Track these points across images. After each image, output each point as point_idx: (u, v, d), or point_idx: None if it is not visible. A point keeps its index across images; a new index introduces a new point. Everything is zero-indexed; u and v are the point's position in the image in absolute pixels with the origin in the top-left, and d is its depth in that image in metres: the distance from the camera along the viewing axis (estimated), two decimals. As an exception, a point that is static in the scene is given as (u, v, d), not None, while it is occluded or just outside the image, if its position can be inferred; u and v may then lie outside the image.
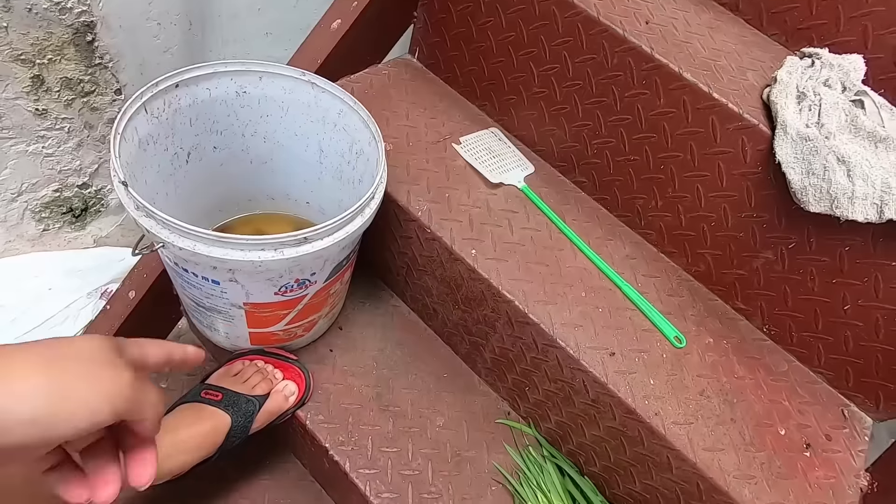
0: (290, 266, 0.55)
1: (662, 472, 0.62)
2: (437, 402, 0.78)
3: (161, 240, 0.49)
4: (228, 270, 0.54)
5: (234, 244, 0.49)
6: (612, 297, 0.69)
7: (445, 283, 0.73)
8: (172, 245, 0.49)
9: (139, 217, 0.50)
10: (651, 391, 0.62)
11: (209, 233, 0.48)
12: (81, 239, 1.01)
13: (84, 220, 0.98)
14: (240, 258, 0.50)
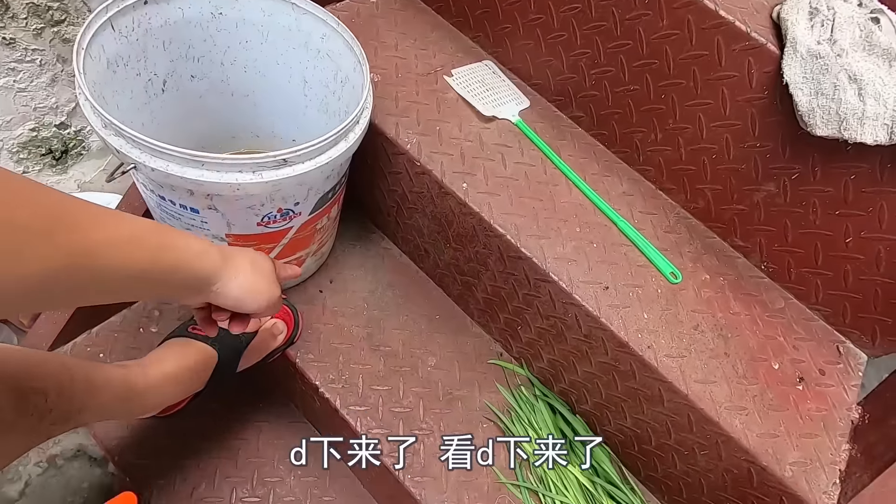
0: (271, 192, 0.52)
1: (653, 405, 0.62)
2: (429, 343, 0.77)
3: (132, 160, 0.47)
4: (206, 196, 0.51)
5: (209, 164, 0.47)
6: (608, 233, 0.67)
7: (436, 221, 0.71)
8: (144, 166, 0.47)
9: (108, 136, 0.47)
10: (644, 325, 0.61)
11: (183, 151, 0.46)
12: (64, 184, 0.98)
13: (65, 163, 0.95)
14: (216, 180, 0.48)
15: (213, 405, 0.84)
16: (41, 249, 0.26)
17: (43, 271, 0.26)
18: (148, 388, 0.58)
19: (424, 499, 0.65)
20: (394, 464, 0.66)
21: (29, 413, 0.42)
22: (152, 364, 0.61)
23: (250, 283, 0.43)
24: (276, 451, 0.82)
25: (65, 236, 0.27)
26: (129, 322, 0.88)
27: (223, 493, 0.77)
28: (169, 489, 0.76)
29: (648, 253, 0.66)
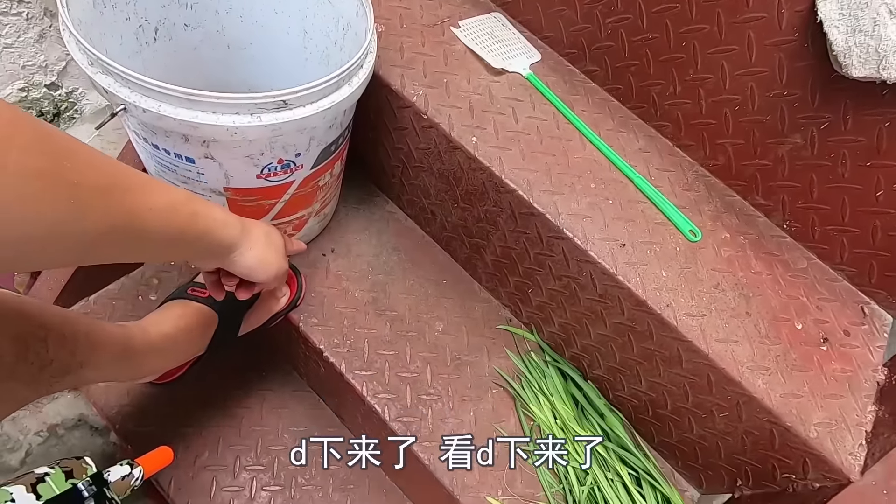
0: (271, 139, 0.49)
1: (671, 366, 0.60)
2: (436, 308, 0.75)
3: (121, 100, 0.44)
4: (202, 143, 0.48)
5: (204, 103, 0.43)
6: (624, 190, 0.64)
7: (444, 179, 0.68)
8: (135, 107, 0.44)
9: (95, 75, 0.44)
10: (663, 283, 0.58)
11: (175, 89, 0.42)
12: (57, 149, 0.95)
13: (57, 126, 0.92)
14: (212, 122, 0.45)
15: (215, 373, 0.82)
16: (101, 208, 0.29)
17: (100, 228, 0.29)
18: (147, 349, 0.56)
19: (433, 464, 0.63)
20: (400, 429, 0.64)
21: (29, 361, 0.41)
22: (151, 325, 0.59)
23: (263, 255, 0.46)
24: (279, 420, 0.80)
25: (119, 198, 0.31)
26: (127, 290, 0.86)
27: (226, 461, 0.76)
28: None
29: (666, 210, 0.63)
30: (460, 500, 0.62)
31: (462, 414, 0.68)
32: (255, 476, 0.76)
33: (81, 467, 0.42)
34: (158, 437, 0.76)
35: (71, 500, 0.40)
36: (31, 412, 0.83)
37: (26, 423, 0.83)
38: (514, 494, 0.64)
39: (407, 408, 0.66)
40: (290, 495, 0.75)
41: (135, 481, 0.48)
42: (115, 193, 0.30)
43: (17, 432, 0.83)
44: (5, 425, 0.83)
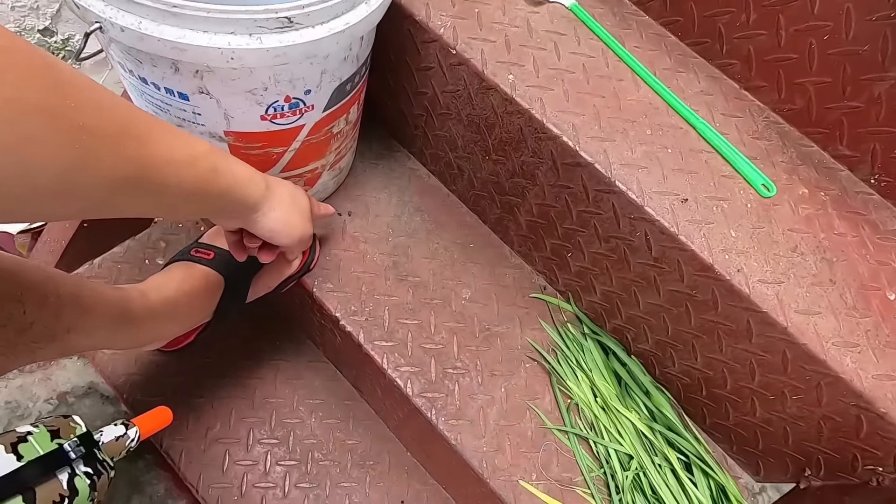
0: (275, 68, 0.42)
1: (737, 341, 0.52)
2: (463, 274, 0.68)
3: (95, 16, 0.36)
4: (195, 73, 0.41)
5: (193, 18, 0.36)
6: (685, 137, 0.55)
7: (474, 127, 0.60)
8: (112, 25, 0.36)
9: (64, -14, 0.37)
10: (732, 245, 0.50)
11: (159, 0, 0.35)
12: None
13: (55, 78, 0.86)
14: (203, 43, 0.37)
15: (226, 341, 0.77)
16: (111, 157, 0.27)
17: (111, 179, 0.27)
18: (148, 315, 0.51)
19: (460, 444, 0.57)
20: (424, 406, 0.58)
21: (2, 324, 0.36)
22: (152, 289, 0.53)
23: (287, 217, 0.44)
24: (294, 392, 0.75)
25: (132, 146, 0.28)
26: (133, 253, 0.81)
27: (239, 433, 0.71)
28: (181, 429, 0.71)
29: (735, 161, 0.54)
30: (490, 484, 0.56)
31: (492, 390, 0.61)
32: (270, 450, 0.71)
33: (69, 427, 0.38)
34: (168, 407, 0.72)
35: (56, 462, 0.35)
36: (40, 379, 0.80)
37: (35, 390, 0.80)
38: (550, 479, 0.58)
39: (431, 382, 0.60)
40: (307, 470, 0.71)
41: (130, 442, 0.43)
42: (127, 141, 0.28)
43: (26, 399, 0.79)
44: (14, 392, 0.80)
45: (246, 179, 0.39)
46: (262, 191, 0.41)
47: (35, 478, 0.33)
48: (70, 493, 0.35)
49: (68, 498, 0.34)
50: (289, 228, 0.44)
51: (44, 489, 0.33)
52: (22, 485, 0.32)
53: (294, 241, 0.45)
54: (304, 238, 0.47)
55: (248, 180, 0.40)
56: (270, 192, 0.42)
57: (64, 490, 0.34)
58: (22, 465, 0.32)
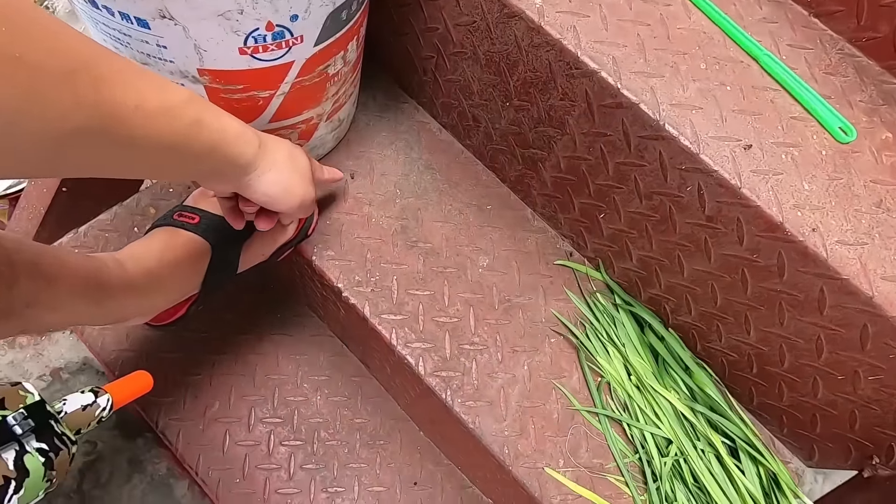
0: (250, -18, 0.34)
1: (804, 313, 0.44)
2: (479, 239, 0.60)
3: None
4: (151, -10, 0.33)
5: None
6: (746, 73, 0.46)
7: (493, 67, 0.51)
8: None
9: None
10: (805, 199, 0.42)
11: None
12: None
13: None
14: (153, -57, 0.29)
15: (223, 315, 0.71)
16: (60, 100, 0.22)
17: (66, 127, 0.23)
18: (125, 287, 0.45)
19: (479, 427, 0.51)
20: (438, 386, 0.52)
21: None
22: (130, 258, 0.47)
23: (286, 179, 0.39)
24: (298, 368, 0.70)
25: (89, 90, 0.23)
26: (120, 220, 0.75)
27: (240, 412, 0.66)
28: (178, 408, 0.66)
29: (807, 101, 0.46)
30: (512, 471, 0.50)
31: (514, 367, 0.55)
32: (273, 430, 0.66)
33: (17, 395, 0.32)
34: (162, 385, 0.67)
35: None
36: (32, 356, 0.76)
37: (27, 366, 0.75)
38: (579, 465, 0.52)
39: (446, 360, 0.53)
40: (313, 451, 0.66)
41: (101, 411, 0.38)
42: (83, 82, 0.23)
43: (17, 377, 0.75)
44: (5, 369, 0.76)
45: (235, 135, 0.34)
46: (255, 149, 0.36)
47: None
48: (18, 473, 0.29)
49: (15, 480, 0.28)
50: (288, 192, 0.40)
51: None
52: None
53: (294, 206, 0.41)
54: (306, 203, 0.42)
55: (238, 136, 0.35)
56: (265, 150, 0.37)
57: (9, 471, 0.28)
58: None
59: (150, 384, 0.44)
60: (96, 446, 0.71)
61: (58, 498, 0.67)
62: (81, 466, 0.69)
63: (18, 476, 0.29)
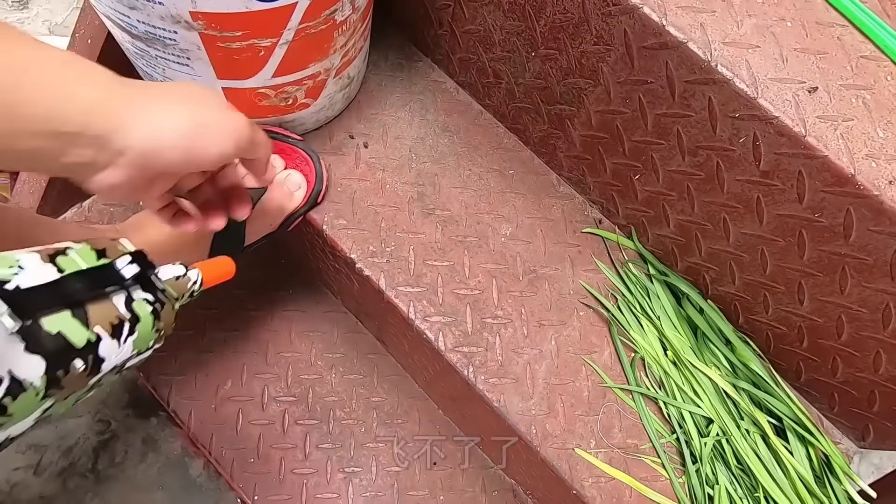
0: None
1: (871, 279, 0.40)
2: (502, 206, 0.56)
3: None
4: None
5: None
6: (808, 7, 0.41)
7: (517, 11, 0.46)
8: None
9: None
10: (880, 148, 0.36)
11: None
12: (30, 24, 0.78)
13: (22, -7, 0.74)
14: None
15: (233, 291, 0.69)
16: None
17: None
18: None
19: (504, 406, 0.48)
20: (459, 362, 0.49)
21: None
22: (130, 230, 0.44)
23: (187, 117, 0.27)
24: (311, 345, 0.67)
25: None
26: (125, 194, 0.72)
27: (253, 391, 0.64)
28: (189, 386, 0.64)
29: (879, 37, 0.40)
30: (540, 452, 0.47)
31: (540, 342, 0.51)
32: (287, 409, 0.64)
33: (117, 248, 0.29)
34: (173, 364, 0.65)
35: (106, 280, 0.26)
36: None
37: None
38: (612, 445, 0.49)
39: (467, 335, 0.50)
40: (328, 430, 0.64)
41: (192, 285, 0.34)
42: None
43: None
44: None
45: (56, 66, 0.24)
46: (102, 95, 0.25)
47: (82, 292, 0.25)
48: (131, 316, 0.26)
49: (129, 322, 0.26)
50: (202, 130, 0.28)
51: (97, 307, 0.25)
52: (67, 298, 0.24)
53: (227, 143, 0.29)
54: (241, 132, 0.30)
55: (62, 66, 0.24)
56: (128, 96, 0.26)
57: (122, 313, 0.26)
58: (63, 276, 0.24)
59: (234, 270, 0.40)
60: (110, 425, 0.69)
61: (73, 477, 0.66)
62: (96, 445, 0.67)
63: (131, 319, 0.26)
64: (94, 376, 0.25)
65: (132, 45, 0.42)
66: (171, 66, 0.42)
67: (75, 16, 0.80)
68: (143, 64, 0.45)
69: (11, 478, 0.66)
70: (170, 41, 0.39)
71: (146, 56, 0.43)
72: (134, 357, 0.27)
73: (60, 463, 0.67)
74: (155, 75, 0.45)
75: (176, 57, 0.41)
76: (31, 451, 0.68)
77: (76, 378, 0.24)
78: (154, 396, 0.65)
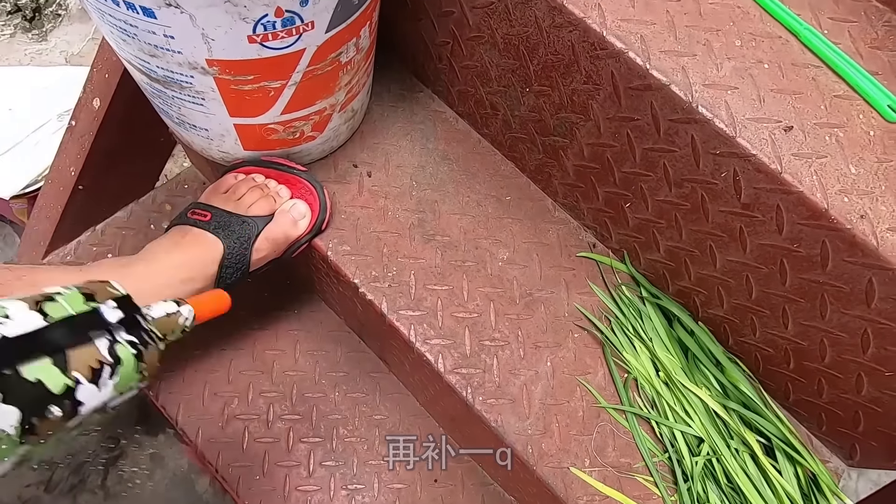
0: (257, -35, 0.32)
1: (849, 306, 0.42)
2: (499, 232, 0.59)
3: None
4: (156, -23, 0.32)
5: None
6: (785, 49, 0.43)
7: (512, 51, 0.49)
8: None
9: None
10: (852, 184, 0.39)
11: None
12: (48, 55, 0.82)
13: (41, 26, 0.78)
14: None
15: (240, 311, 0.70)
16: None
17: None
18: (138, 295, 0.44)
19: (501, 426, 0.50)
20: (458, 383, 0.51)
21: None
22: (138, 262, 0.46)
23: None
24: (316, 364, 0.69)
25: None
26: (137, 217, 0.75)
27: (259, 409, 0.66)
28: (197, 404, 0.66)
29: (852, 78, 0.42)
30: (536, 471, 0.49)
31: (536, 364, 0.53)
32: (292, 426, 0.66)
33: (106, 291, 0.30)
34: (180, 382, 0.67)
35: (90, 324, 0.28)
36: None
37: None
38: (605, 464, 0.50)
39: (466, 356, 0.52)
40: (332, 448, 0.65)
41: (185, 320, 0.36)
42: None
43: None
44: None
45: None
46: None
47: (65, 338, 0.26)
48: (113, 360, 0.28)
49: (110, 366, 0.27)
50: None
51: (78, 353, 0.26)
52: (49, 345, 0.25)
53: None
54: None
55: None
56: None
57: (104, 357, 0.27)
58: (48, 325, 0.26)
59: (229, 304, 0.42)
60: (119, 442, 0.71)
61: (83, 493, 0.68)
62: (106, 462, 0.69)
63: (113, 363, 0.28)
64: (71, 420, 0.26)
65: (150, 85, 0.45)
66: (187, 104, 0.45)
67: (90, 46, 0.84)
68: (159, 102, 0.48)
69: (23, 494, 0.67)
70: (186, 84, 0.42)
71: (163, 96, 0.46)
72: (116, 398, 0.29)
73: (71, 480, 0.69)
74: (171, 112, 0.48)
75: (191, 98, 0.44)
76: (43, 468, 0.69)
77: (53, 423, 0.25)
78: (163, 414, 0.67)
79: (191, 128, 0.49)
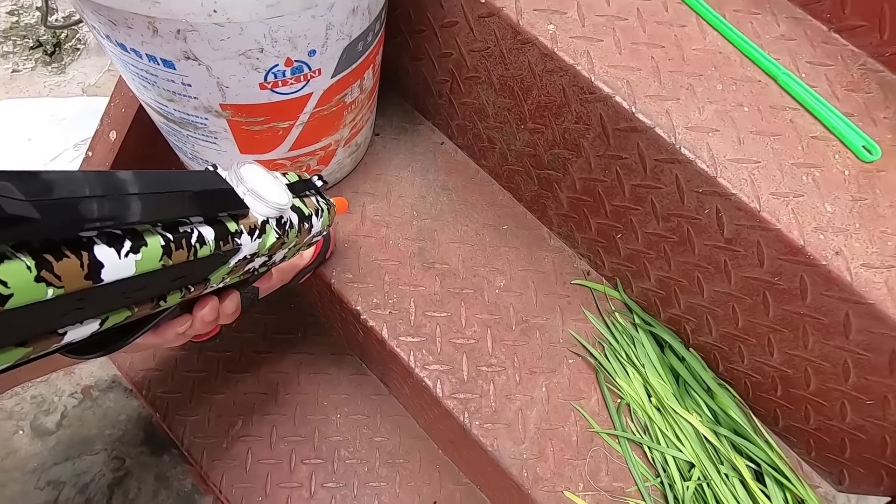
0: (269, 24, 0.35)
1: (829, 337, 0.43)
2: (496, 260, 0.61)
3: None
4: (177, 35, 0.35)
5: (160, -38, 0.29)
6: (764, 92, 0.46)
7: (507, 91, 0.52)
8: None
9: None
10: (828, 222, 0.41)
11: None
12: (66, 86, 0.85)
13: (60, 60, 0.81)
14: (178, -6, 0.30)
15: (246, 334, 0.73)
16: None
17: None
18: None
19: (497, 450, 0.51)
20: (456, 408, 0.52)
21: None
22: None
23: None
24: (319, 387, 0.71)
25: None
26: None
27: (262, 430, 0.68)
28: (202, 425, 0.67)
29: (827, 119, 0.45)
30: (531, 495, 0.50)
31: (532, 389, 0.55)
32: (294, 448, 0.67)
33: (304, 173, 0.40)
34: (187, 404, 0.68)
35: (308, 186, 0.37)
36: (65, 374, 0.79)
37: (60, 384, 0.78)
38: (599, 489, 0.52)
39: (463, 382, 0.54)
40: (333, 469, 0.67)
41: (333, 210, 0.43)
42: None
43: (51, 394, 0.78)
44: (40, 387, 0.79)
45: None
46: None
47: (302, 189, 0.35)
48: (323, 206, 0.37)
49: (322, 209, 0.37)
50: None
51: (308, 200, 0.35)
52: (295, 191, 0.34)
53: None
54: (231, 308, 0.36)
55: None
56: None
57: (318, 205, 0.36)
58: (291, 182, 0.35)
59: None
60: (125, 462, 0.73)
61: (90, 513, 0.69)
62: (111, 482, 0.71)
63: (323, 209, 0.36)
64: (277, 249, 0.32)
65: (166, 125, 0.48)
66: (200, 143, 0.48)
67: (106, 78, 0.88)
68: (174, 139, 0.51)
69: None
70: (200, 125, 0.45)
71: (178, 134, 0.48)
72: (321, 232, 0.38)
73: (77, 499, 0.70)
74: (185, 148, 0.51)
75: (205, 137, 0.47)
76: (50, 488, 0.71)
77: None
78: (169, 435, 0.69)
79: (203, 163, 0.52)
